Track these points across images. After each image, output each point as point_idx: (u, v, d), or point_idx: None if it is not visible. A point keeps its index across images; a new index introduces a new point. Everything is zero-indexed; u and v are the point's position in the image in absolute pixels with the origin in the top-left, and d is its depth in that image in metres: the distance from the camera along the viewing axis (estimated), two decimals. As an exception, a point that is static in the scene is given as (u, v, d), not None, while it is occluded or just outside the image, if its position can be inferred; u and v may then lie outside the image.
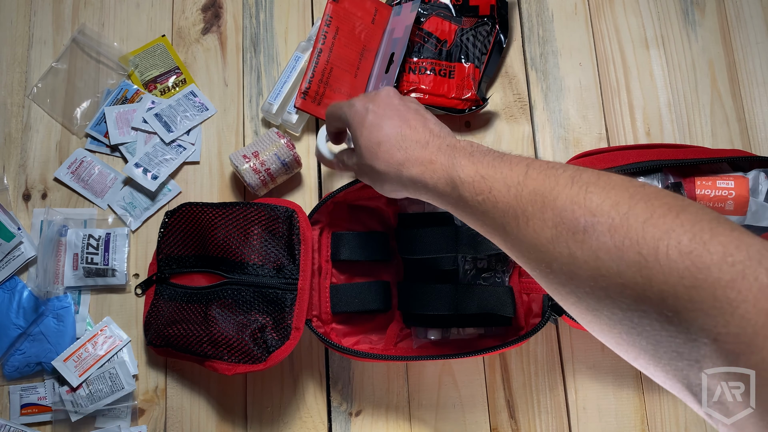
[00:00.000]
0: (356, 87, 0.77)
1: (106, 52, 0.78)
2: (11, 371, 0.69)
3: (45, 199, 0.75)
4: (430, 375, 0.71)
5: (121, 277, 0.72)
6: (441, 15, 0.80)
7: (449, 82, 0.77)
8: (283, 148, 0.71)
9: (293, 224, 0.67)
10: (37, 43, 0.79)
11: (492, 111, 0.79)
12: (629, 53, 0.81)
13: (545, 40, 0.81)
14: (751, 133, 0.78)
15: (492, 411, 0.71)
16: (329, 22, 0.77)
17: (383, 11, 0.80)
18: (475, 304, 0.65)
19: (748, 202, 0.63)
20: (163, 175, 0.75)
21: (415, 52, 0.79)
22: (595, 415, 0.71)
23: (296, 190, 0.76)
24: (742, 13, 0.82)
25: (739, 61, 0.80)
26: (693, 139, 0.78)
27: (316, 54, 0.76)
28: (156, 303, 0.70)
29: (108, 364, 0.69)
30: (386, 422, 0.70)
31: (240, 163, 0.70)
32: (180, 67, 0.79)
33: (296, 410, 0.70)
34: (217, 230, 0.67)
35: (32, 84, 0.78)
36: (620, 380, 0.71)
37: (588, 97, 0.79)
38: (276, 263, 0.66)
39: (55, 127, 0.77)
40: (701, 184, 0.64)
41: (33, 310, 0.71)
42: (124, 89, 0.78)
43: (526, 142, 0.78)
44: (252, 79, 0.79)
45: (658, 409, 0.71)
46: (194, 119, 0.77)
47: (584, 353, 0.72)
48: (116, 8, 0.81)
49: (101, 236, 0.72)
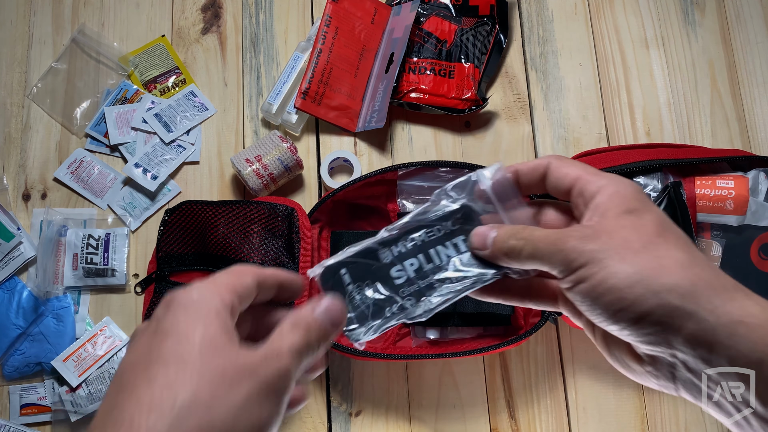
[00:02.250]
0: (356, 87, 0.77)
1: (106, 52, 0.78)
2: (11, 371, 0.69)
3: (45, 199, 0.75)
4: (430, 375, 0.71)
5: (120, 277, 0.72)
6: (441, 15, 0.80)
7: (449, 82, 0.77)
8: (286, 152, 0.71)
9: (293, 223, 0.67)
10: (37, 43, 0.79)
11: (492, 111, 0.79)
12: (629, 53, 0.81)
13: (545, 40, 0.81)
14: (751, 133, 0.78)
15: (492, 411, 0.70)
16: (329, 22, 0.77)
17: (383, 11, 0.80)
18: (474, 302, 0.65)
19: (747, 202, 0.63)
20: (163, 175, 0.75)
21: (415, 52, 0.79)
22: (596, 415, 0.70)
23: (296, 189, 0.76)
24: (742, 13, 0.82)
25: (739, 61, 0.80)
26: (693, 139, 0.78)
27: (315, 54, 0.76)
28: (155, 301, 0.69)
29: (108, 364, 0.69)
30: (386, 422, 0.70)
31: (243, 167, 0.70)
32: (180, 67, 0.79)
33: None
34: (217, 228, 0.67)
35: (32, 84, 0.78)
36: (620, 380, 0.71)
37: (588, 97, 0.79)
38: (275, 261, 0.66)
39: (54, 127, 0.77)
40: (701, 184, 0.64)
41: (33, 310, 0.71)
42: (123, 89, 0.78)
43: (526, 142, 0.78)
44: (252, 79, 0.79)
45: (659, 410, 0.71)
46: (194, 119, 0.77)
47: (584, 353, 0.72)
48: (116, 8, 0.81)
49: (101, 236, 0.72)
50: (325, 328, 0.32)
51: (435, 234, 0.38)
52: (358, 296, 0.37)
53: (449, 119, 0.78)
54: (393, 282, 0.38)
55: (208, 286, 0.30)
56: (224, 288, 0.30)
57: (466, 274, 0.38)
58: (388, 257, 0.38)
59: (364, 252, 0.38)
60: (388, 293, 0.37)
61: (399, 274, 0.38)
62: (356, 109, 0.77)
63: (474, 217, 0.38)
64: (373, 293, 0.37)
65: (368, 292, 0.38)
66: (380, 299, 0.37)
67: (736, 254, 0.64)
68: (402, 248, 0.38)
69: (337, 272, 0.38)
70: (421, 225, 0.38)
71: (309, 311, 0.33)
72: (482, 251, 0.37)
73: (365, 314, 0.37)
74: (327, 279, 0.38)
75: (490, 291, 0.39)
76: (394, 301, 0.37)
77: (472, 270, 0.38)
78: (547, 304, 0.39)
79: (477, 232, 0.37)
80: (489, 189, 0.38)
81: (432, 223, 0.38)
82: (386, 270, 0.38)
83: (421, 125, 0.78)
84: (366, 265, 0.38)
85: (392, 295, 0.37)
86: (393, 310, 0.37)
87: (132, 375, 0.27)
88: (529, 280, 0.39)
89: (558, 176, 0.37)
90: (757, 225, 0.63)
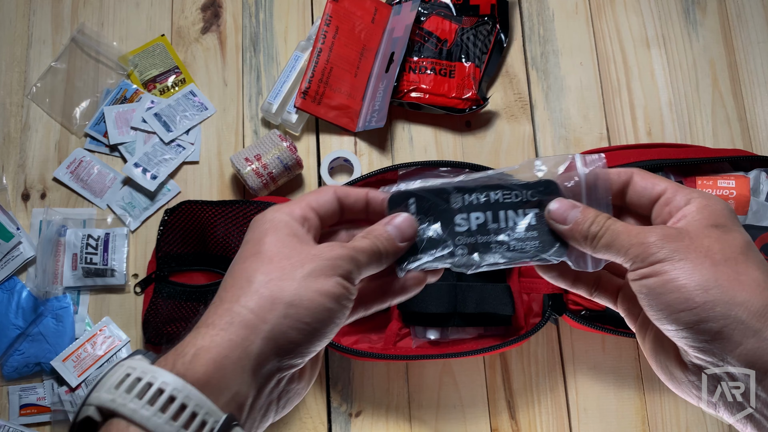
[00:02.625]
0: (356, 86, 0.77)
1: (106, 52, 0.78)
2: (10, 372, 0.69)
3: (44, 199, 0.75)
4: (430, 375, 0.71)
5: (120, 277, 0.72)
6: (441, 14, 0.80)
7: (450, 82, 0.77)
8: (286, 151, 0.71)
9: (293, 224, 0.66)
10: (36, 43, 0.79)
11: (492, 110, 0.79)
12: (630, 53, 0.80)
13: (546, 40, 0.81)
14: (753, 133, 0.78)
15: (492, 411, 0.70)
16: (329, 22, 0.76)
17: (383, 10, 0.79)
18: (474, 302, 0.65)
19: (749, 202, 0.62)
20: (163, 175, 0.75)
21: (416, 51, 0.79)
22: (596, 415, 0.70)
23: (296, 189, 0.75)
24: (743, 13, 0.82)
25: (741, 60, 0.80)
26: (694, 139, 0.78)
27: (315, 53, 0.75)
28: (155, 301, 0.69)
29: (107, 364, 0.69)
30: (386, 423, 0.70)
31: (242, 166, 0.70)
32: (179, 67, 0.79)
33: (296, 411, 0.70)
34: (217, 228, 0.67)
35: (31, 83, 0.78)
36: (621, 381, 0.71)
37: (589, 97, 0.79)
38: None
39: (54, 127, 0.77)
40: (702, 184, 0.63)
41: (32, 310, 0.70)
42: (123, 89, 0.78)
43: (526, 142, 0.78)
44: (251, 79, 0.79)
45: (659, 410, 0.70)
46: (194, 119, 0.77)
47: (585, 353, 0.71)
48: (115, 8, 0.81)
49: (100, 236, 0.72)
50: (392, 240, 0.36)
51: (511, 198, 0.38)
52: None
53: (450, 119, 0.78)
54: (453, 228, 0.38)
55: (280, 206, 0.36)
56: (295, 204, 0.36)
57: (527, 245, 0.37)
58: (458, 203, 0.38)
59: (438, 190, 0.39)
60: (444, 236, 0.38)
61: (462, 222, 0.38)
62: (356, 109, 0.77)
63: (556, 196, 0.38)
64: (430, 230, 0.38)
65: (427, 227, 0.38)
66: (434, 238, 0.38)
67: (738, 254, 0.64)
68: (474, 199, 0.38)
69: (406, 200, 0.38)
70: (501, 185, 0.38)
71: (381, 224, 0.37)
72: (559, 225, 0.37)
73: (416, 246, 0.38)
74: (394, 203, 0.38)
75: (563, 275, 0.39)
76: (447, 245, 0.38)
77: (533, 243, 0.37)
78: (608, 300, 0.40)
79: (559, 205, 0.37)
80: (583, 176, 0.37)
81: (512, 186, 0.38)
82: (452, 214, 0.38)
83: (422, 125, 0.78)
84: (435, 203, 0.39)
85: (447, 239, 0.38)
86: (443, 253, 0.38)
87: (227, 276, 0.35)
88: (599, 273, 0.39)
89: (645, 185, 0.37)
90: (759, 225, 0.63)
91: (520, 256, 0.37)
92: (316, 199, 0.37)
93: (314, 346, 0.33)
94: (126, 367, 0.30)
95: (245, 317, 0.31)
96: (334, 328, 0.34)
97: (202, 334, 0.31)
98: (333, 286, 0.33)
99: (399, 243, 0.37)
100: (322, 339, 0.34)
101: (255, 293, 0.32)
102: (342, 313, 0.34)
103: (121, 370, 0.30)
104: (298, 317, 0.32)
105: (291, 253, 0.34)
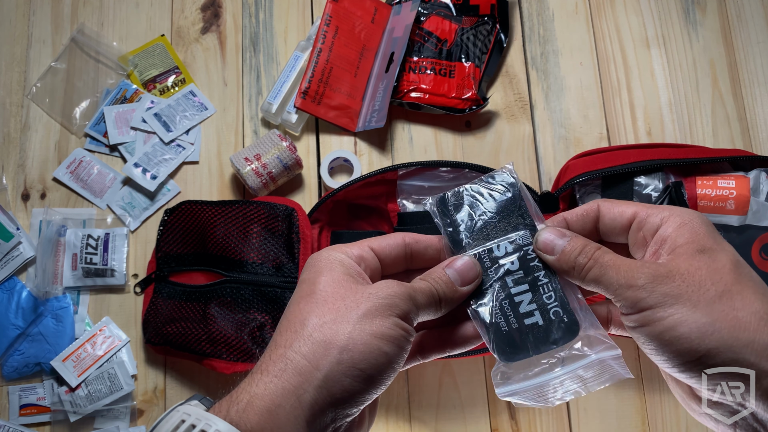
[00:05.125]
0: (356, 86, 0.77)
1: (105, 52, 0.78)
2: (10, 372, 0.69)
3: (44, 199, 0.75)
4: (430, 375, 0.71)
5: (120, 278, 0.72)
6: (441, 14, 0.80)
7: (449, 82, 0.77)
8: (285, 151, 0.71)
9: (293, 222, 0.66)
10: (36, 43, 0.79)
11: (492, 110, 0.78)
12: (630, 52, 0.80)
13: (546, 40, 0.81)
14: (753, 133, 0.78)
15: (492, 412, 0.70)
16: (329, 22, 0.76)
17: (383, 10, 0.79)
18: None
19: (749, 202, 0.62)
20: (163, 175, 0.75)
21: (415, 51, 0.78)
22: (596, 415, 0.70)
23: (296, 189, 0.75)
24: (743, 13, 0.81)
25: (741, 60, 0.80)
26: (694, 139, 0.78)
27: (315, 53, 0.75)
28: (155, 301, 0.69)
29: (107, 364, 0.69)
30: (386, 423, 0.70)
31: (242, 165, 0.70)
32: (179, 67, 0.79)
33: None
34: (217, 228, 0.67)
35: (31, 83, 0.78)
36: (621, 381, 0.71)
37: (589, 97, 0.79)
38: (275, 261, 0.66)
39: (54, 127, 0.77)
40: (702, 184, 0.63)
41: (32, 310, 0.70)
42: (123, 89, 0.78)
43: (526, 142, 0.78)
44: (251, 79, 0.79)
45: (659, 410, 0.70)
46: (193, 119, 0.77)
47: (585, 353, 0.71)
48: (115, 8, 0.81)
49: (100, 236, 0.72)
50: (451, 284, 0.35)
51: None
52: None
53: (449, 119, 0.78)
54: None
55: (337, 245, 0.36)
56: (354, 244, 0.36)
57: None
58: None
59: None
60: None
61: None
62: (356, 109, 0.77)
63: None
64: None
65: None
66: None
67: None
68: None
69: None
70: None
71: (440, 266, 0.36)
72: (547, 255, 0.36)
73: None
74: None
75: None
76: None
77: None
78: (624, 331, 0.38)
79: (547, 235, 0.36)
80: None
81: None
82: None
83: (422, 125, 0.78)
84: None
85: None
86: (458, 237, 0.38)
87: (282, 319, 0.34)
88: (609, 308, 0.38)
89: (612, 216, 0.36)
90: (759, 225, 0.63)
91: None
92: (378, 241, 0.36)
93: (370, 394, 0.32)
94: (181, 413, 0.29)
95: (298, 364, 0.30)
96: (391, 373, 0.32)
97: (257, 381, 0.30)
98: (389, 327, 0.31)
99: (460, 288, 0.35)
100: (378, 386, 0.32)
101: (308, 338, 0.31)
102: (400, 357, 0.32)
103: (177, 416, 0.29)
104: (352, 363, 0.30)
105: (346, 293, 0.32)
